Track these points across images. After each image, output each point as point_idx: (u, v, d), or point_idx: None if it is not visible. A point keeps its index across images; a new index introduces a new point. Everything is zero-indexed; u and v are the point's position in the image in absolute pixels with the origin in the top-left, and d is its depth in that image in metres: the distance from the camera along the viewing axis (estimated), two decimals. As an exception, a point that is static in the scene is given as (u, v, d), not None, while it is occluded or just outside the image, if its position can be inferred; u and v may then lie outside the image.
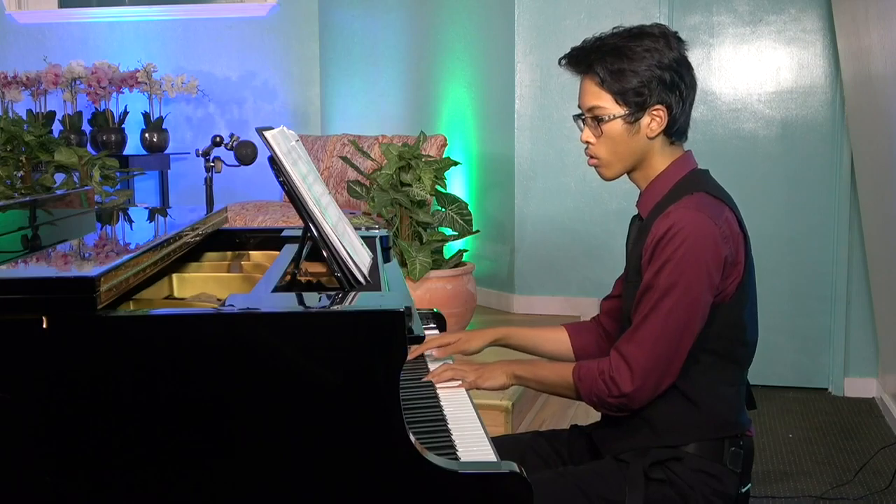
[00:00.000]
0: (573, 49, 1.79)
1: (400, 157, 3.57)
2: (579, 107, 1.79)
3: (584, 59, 1.76)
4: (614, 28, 1.77)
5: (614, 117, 1.73)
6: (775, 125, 4.46)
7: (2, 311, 1.29)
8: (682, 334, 1.67)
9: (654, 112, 1.73)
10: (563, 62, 1.80)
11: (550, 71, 4.57)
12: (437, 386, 1.82)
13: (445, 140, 4.28)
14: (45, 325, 1.28)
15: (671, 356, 1.68)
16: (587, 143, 1.79)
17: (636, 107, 1.72)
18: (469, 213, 3.73)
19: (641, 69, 1.71)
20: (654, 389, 1.69)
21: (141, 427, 1.31)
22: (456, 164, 3.72)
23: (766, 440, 3.80)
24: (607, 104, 1.73)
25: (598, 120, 1.75)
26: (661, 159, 1.78)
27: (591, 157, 1.80)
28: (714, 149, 4.41)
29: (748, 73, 4.48)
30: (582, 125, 1.80)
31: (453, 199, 3.73)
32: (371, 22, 5.32)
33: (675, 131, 1.76)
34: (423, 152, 3.78)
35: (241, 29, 5.47)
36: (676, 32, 1.77)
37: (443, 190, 3.73)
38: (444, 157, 4.08)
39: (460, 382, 1.85)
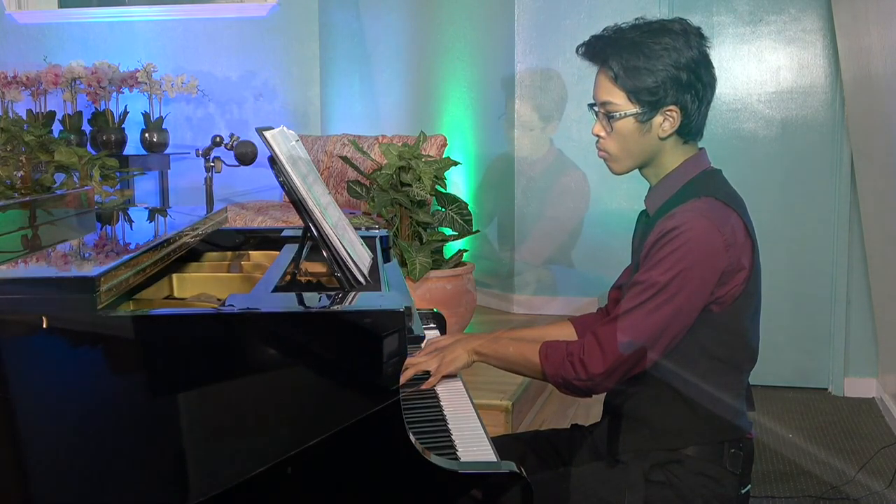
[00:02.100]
0: (592, 37, 1.75)
1: (400, 157, 3.57)
2: (594, 97, 1.77)
3: (600, 52, 1.72)
4: (637, 19, 1.74)
5: (626, 115, 1.71)
6: (775, 125, 4.46)
7: (2, 311, 1.28)
8: (662, 333, 1.66)
9: (668, 112, 1.70)
10: (581, 51, 1.76)
11: (550, 71, 4.58)
12: (437, 385, 1.82)
13: (445, 140, 4.27)
14: (45, 325, 1.28)
15: (645, 351, 1.67)
16: (598, 136, 1.77)
17: (649, 106, 1.69)
18: (469, 213, 3.72)
19: (657, 68, 1.67)
20: (620, 378, 1.69)
21: (140, 427, 1.31)
22: (456, 164, 3.71)
23: (766, 440, 3.80)
24: (619, 101, 1.71)
25: (610, 116, 1.72)
26: (673, 157, 1.76)
27: (601, 150, 1.78)
28: (714, 149, 4.32)
29: (748, 73, 4.47)
30: (595, 116, 1.78)
31: (453, 199, 3.73)
32: (371, 22, 5.32)
33: (689, 131, 1.74)
34: (423, 152, 3.77)
35: (241, 29, 5.47)
36: (699, 28, 1.72)
37: (443, 190, 3.73)
38: (444, 157, 4.08)
39: (458, 381, 1.85)
